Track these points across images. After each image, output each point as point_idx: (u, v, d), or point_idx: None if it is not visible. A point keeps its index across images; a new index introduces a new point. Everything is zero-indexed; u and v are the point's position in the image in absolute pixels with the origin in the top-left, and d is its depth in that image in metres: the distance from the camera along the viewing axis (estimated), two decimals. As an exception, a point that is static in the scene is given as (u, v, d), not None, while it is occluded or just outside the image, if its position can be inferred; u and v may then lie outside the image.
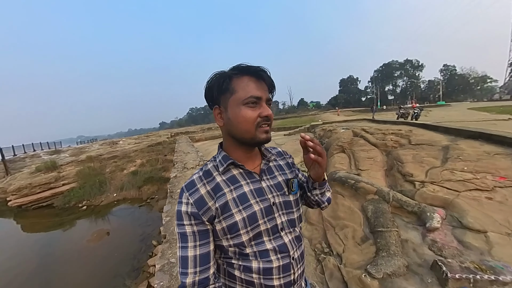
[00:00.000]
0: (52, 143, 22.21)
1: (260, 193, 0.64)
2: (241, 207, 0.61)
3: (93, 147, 17.36)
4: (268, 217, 0.63)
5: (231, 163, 0.65)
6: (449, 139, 4.77)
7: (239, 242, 0.61)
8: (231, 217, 0.60)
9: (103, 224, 7.05)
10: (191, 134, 20.67)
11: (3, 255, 5.82)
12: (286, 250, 0.64)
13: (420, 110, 13.13)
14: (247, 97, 0.60)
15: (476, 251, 2.00)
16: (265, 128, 0.63)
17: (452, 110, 19.63)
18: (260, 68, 0.63)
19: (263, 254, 0.62)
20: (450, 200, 2.66)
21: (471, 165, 3.34)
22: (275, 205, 0.65)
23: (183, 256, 0.60)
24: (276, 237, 0.64)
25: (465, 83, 56.17)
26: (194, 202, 0.60)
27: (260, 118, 0.61)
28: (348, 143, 5.71)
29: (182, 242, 0.61)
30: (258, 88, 0.62)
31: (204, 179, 0.64)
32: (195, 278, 0.59)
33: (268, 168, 0.71)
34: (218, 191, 0.62)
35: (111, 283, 4.11)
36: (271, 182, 0.68)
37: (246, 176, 0.66)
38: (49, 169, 10.75)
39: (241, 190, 0.63)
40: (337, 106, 55.36)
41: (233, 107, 0.62)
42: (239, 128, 0.62)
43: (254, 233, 0.61)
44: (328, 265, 2.33)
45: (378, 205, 2.89)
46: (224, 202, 0.61)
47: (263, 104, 0.62)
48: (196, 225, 0.60)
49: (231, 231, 0.60)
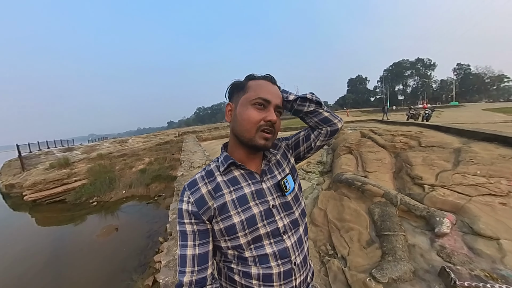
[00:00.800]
0: (65, 141, 23.03)
1: (260, 195, 0.63)
2: (240, 209, 0.60)
3: (104, 145, 17.86)
4: (268, 220, 0.62)
5: (231, 163, 0.64)
6: (461, 141, 4.62)
7: (237, 245, 0.60)
8: (229, 218, 0.60)
9: (112, 220, 7.27)
10: (198, 133, 20.89)
11: (19, 246, 6.12)
12: (287, 255, 0.62)
13: (431, 111, 12.75)
14: (256, 97, 0.61)
15: (487, 259, 1.92)
16: (265, 135, 0.61)
17: (465, 111, 18.93)
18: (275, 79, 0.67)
19: (262, 259, 0.61)
20: (461, 205, 2.57)
21: (485, 169, 3.22)
22: (275, 208, 0.64)
23: (182, 255, 0.60)
24: (278, 240, 0.62)
25: (480, 83, 54.07)
26: (194, 201, 0.61)
27: (263, 122, 0.61)
28: (356, 144, 5.62)
29: (182, 240, 0.61)
30: (269, 91, 0.62)
31: (206, 179, 0.64)
32: (193, 278, 0.59)
33: (269, 168, 0.69)
34: (218, 191, 0.62)
35: (119, 277, 4.23)
36: (271, 182, 0.67)
37: (247, 177, 0.65)
38: (62, 166, 11.17)
39: (241, 192, 0.62)
40: (345, 106, 54.49)
41: (242, 105, 0.63)
42: (241, 126, 0.62)
43: (253, 236, 0.60)
44: (332, 267, 2.30)
45: (385, 208, 2.83)
46: (222, 203, 0.60)
47: (270, 109, 0.62)
48: (196, 224, 0.60)
49: (229, 233, 0.60)
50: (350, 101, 59.37)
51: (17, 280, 4.56)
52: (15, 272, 4.85)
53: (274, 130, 0.63)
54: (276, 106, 0.63)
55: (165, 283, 1.65)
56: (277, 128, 0.64)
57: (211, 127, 29.50)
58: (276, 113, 0.63)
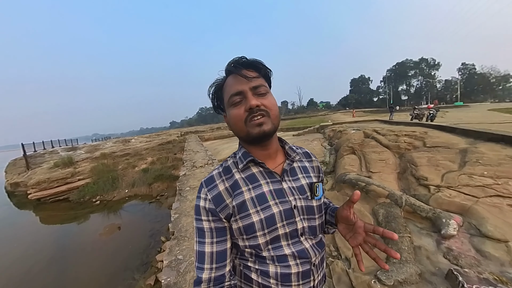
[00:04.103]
0: (69, 140, 23.24)
1: (281, 194, 0.61)
2: (259, 207, 0.58)
3: (107, 145, 18.00)
4: (288, 220, 0.60)
5: (251, 160, 0.62)
6: (467, 141, 4.54)
7: (255, 244, 0.58)
8: (248, 217, 0.58)
9: (115, 218, 7.30)
10: (201, 133, 20.96)
11: (23, 244, 6.19)
12: (307, 256, 0.60)
13: (436, 111, 12.60)
14: (228, 98, 0.60)
15: (496, 262, 1.88)
16: (256, 121, 0.57)
17: (470, 111, 18.67)
18: (234, 61, 0.61)
19: (281, 259, 0.59)
20: (468, 206, 2.52)
21: (492, 170, 3.15)
22: (296, 208, 0.61)
23: (200, 251, 0.60)
24: (296, 242, 0.60)
25: (485, 83, 53.32)
26: (212, 198, 0.59)
27: (246, 113, 0.58)
28: (359, 144, 5.56)
29: (200, 237, 0.61)
30: (236, 83, 0.59)
31: (223, 176, 0.63)
32: (211, 275, 0.58)
33: (292, 168, 0.66)
34: (236, 188, 0.60)
35: (121, 276, 4.24)
36: (294, 184, 0.63)
37: (266, 175, 0.62)
38: (66, 165, 11.28)
39: (260, 190, 0.60)
40: (347, 107, 54.19)
41: (227, 111, 0.63)
42: (234, 130, 0.63)
43: (272, 236, 0.58)
44: (336, 269, 2.27)
45: (390, 209, 2.79)
46: (241, 201, 0.59)
47: (247, 96, 0.58)
48: (213, 222, 0.59)
49: (247, 232, 0.58)
50: (353, 101, 58.95)
51: (23, 276, 4.61)
52: (20, 268, 4.90)
53: (265, 111, 0.58)
54: (251, 89, 0.58)
55: (167, 284, 1.64)
56: (267, 107, 0.59)
57: (214, 127, 29.57)
58: (257, 96, 0.59)
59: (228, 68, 0.62)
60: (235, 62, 0.61)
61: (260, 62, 0.62)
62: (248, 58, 0.62)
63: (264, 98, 0.59)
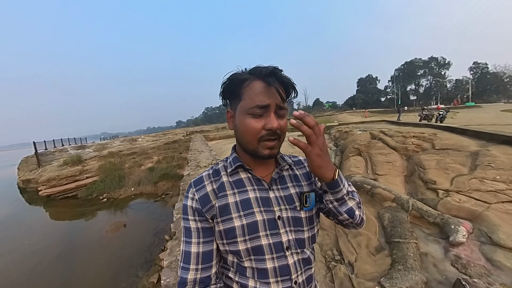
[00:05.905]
0: (78, 139, 23.86)
1: (266, 203, 0.60)
2: (242, 213, 0.58)
3: (115, 144, 18.35)
4: (272, 231, 0.58)
5: (239, 166, 0.62)
6: (479, 144, 4.37)
7: (236, 250, 0.57)
8: (230, 221, 0.57)
9: (121, 216, 7.44)
10: (206, 133, 21.09)
11: (33, 238, 6.40)
12: (287, 273, 0.58)
13: (446, 111, 12.26)
14: (252, 106, 0.55)
15: (507, 272, 1.80)
16: (269, 144, 0.56)
17: (482, 112, 18.07)
18: (270, 70, 0.56)
19: (261, 273, 0.58)
20: (478, 212, 2.42)
21: (505, 174, 3.02)
22: (281, 219, 0.59)
23: (186, 251, 0.59)
24: (280, 256, 0.58)
25: (498, 82, 51.49)
26: (199, 199, 0.60)
27: (264, 131, 0.55)
28: (365, 145, 5.46)
29: (186, 237, 0.60)
30: (265, 94, 0.55)
31: (212, 178, 0.63)
32: (197, 276, 0.58)
33: (281, 177, 0.65)
34: (221, 191, 0.61)
35: (125, 273, 4.31)
36: (281, 193, 0.62)
37: (254, 182, 0.62)
38: (74, 163, 11.56)
39: (246, 196, 0.60)
40: (354, 107, 53.36)
41: (240, 114, 0.58)
42: (243, 138, 0.60)
43: (254, 244, 0.57)
44: (339, 273, 2.23)
45: (396, 213, 2.72)
46: (224, 204, 0.59)
47: (270, 114, 0.55)
48: (200, 222, 0.60)
49: (228, 236, 0.57)
50: (360, 101, 58.02)
51: (31, 270, 4.76)
52: (29, 262, 5.07)
53: (279, 135, 0.57)
54: (276, 107, 0.56)
55: (166, 284, 1.64)
56: (282, 131, 0.57)
57: (219, 126, 29.71)
58: (277, 116, 0.57)
59: (263, 73, 0.56)
60: (272, 71, 0.56)
61: (294, 86, 0.59)
62: (283, 73, 0.57)
63: (282, 120, 0.58)
